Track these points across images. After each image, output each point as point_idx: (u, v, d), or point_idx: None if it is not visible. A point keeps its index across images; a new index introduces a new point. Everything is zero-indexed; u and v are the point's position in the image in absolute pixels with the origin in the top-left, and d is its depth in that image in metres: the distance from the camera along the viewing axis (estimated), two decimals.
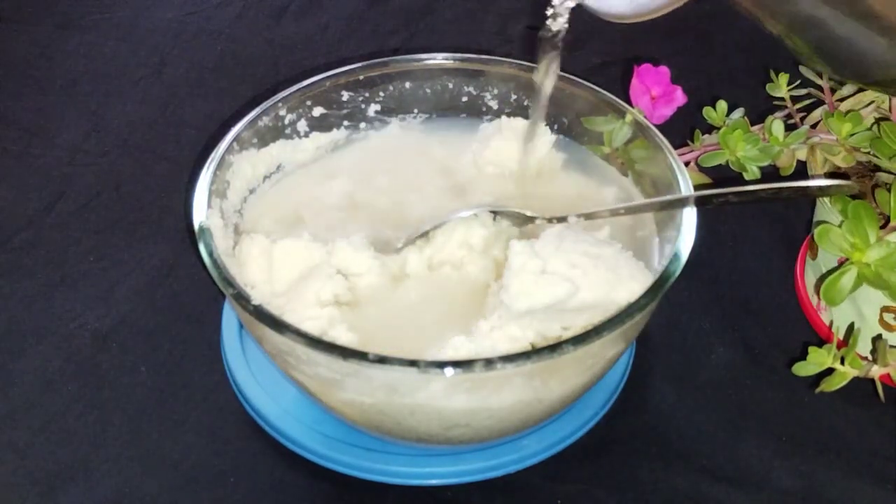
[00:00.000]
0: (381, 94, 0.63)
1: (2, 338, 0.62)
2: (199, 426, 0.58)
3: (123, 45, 0.86)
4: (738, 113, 0.64)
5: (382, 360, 0.45)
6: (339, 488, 0.55)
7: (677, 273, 0.50)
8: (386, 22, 0.89)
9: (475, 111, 0.64)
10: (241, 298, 0.48)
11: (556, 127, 0.62)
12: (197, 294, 0.65)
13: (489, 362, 0.45)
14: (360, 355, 0.46)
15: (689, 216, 0.52)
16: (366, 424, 0.51)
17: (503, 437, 0.53)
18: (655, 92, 0.61)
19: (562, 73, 0.57)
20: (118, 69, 0.84)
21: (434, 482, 0.54)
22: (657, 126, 0.57)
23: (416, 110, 0.64)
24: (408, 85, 0.63)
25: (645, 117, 0.59)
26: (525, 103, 0.62)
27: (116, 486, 0.55)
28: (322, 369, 0.48)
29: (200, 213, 0.53)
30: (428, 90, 0.63)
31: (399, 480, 0.54)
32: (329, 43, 0.86)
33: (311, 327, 0.49)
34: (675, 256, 0.51)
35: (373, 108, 0.63)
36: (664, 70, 0.63)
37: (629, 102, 0.62)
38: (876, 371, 0.53)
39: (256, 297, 0.49)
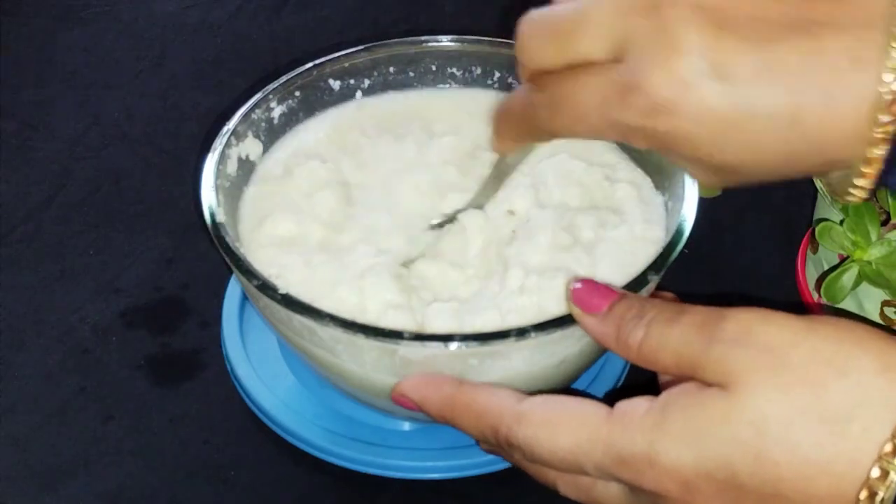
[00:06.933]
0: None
1: (2, 331, 0.62)
2: (200, 420, 0.58)
3: (123, 37, 0.86)
4: None
5: (418, 337, 0.45)
6: (339, 482, 0.55)
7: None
8: (386, 15, 0.89)
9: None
10: (268, 289, 0.47)
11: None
12: (197, 287, 0.65)
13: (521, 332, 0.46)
14: (398, 335, 0.45)
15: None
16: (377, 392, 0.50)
17: None
18: None
19: None
20: (118, 62, 0.84)
21: (435, 476, 0.54)
22: None
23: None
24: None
25: None
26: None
27: (117, 480, 0.55)
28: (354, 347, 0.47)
29: (210, 202, 0.51)
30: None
31: (400, 474, 0.54)
32: (329, 36, 0.86)
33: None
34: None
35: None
36: None
37: None
38: None
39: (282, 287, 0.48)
